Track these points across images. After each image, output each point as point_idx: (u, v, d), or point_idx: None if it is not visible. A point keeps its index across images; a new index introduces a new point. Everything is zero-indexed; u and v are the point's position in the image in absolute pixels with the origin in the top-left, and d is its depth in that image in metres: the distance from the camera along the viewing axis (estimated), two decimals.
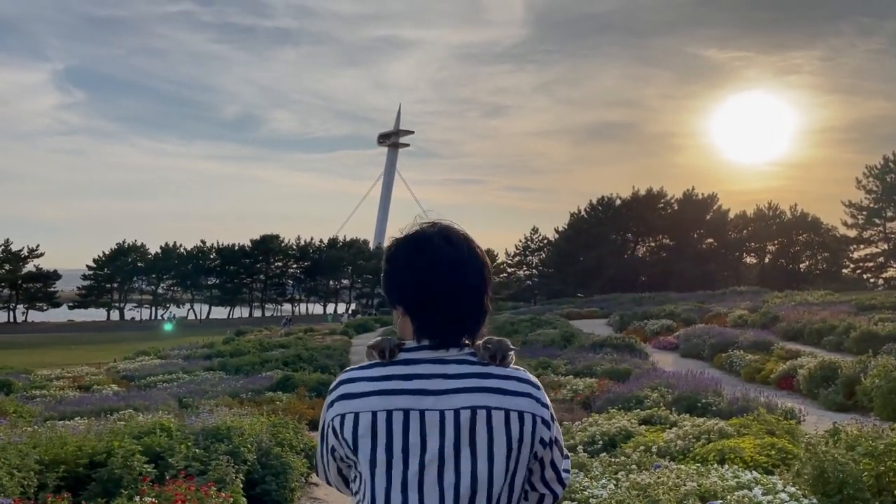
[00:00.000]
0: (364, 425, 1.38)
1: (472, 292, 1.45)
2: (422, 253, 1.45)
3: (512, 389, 1.41)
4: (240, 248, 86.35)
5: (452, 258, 1.44)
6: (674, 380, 12.24)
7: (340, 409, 1.41)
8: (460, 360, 1.44)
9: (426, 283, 1.43)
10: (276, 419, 8.97)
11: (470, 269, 1.45)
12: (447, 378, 1.41)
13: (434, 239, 1.46)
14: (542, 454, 1.44)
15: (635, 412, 9.58)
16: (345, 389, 1.43)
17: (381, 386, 1.40)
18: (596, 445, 7.64)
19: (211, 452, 7.12)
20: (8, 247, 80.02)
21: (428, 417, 1.37)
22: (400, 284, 1.47)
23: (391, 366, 1.43)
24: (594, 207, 75.29)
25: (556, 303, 50.87)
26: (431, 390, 1.39)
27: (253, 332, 42.42)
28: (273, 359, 21.99)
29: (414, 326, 1.46)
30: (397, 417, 1.37)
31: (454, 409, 1.37)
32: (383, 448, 1.36)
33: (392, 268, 1.49)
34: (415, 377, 1.41)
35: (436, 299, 1.43)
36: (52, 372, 22.67)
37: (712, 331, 21.70)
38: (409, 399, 1.38)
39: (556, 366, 16.95)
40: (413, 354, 1.44)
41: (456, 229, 1.49)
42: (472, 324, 1.46)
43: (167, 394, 15.99)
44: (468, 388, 1.39)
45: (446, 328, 1.44)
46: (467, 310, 1.45)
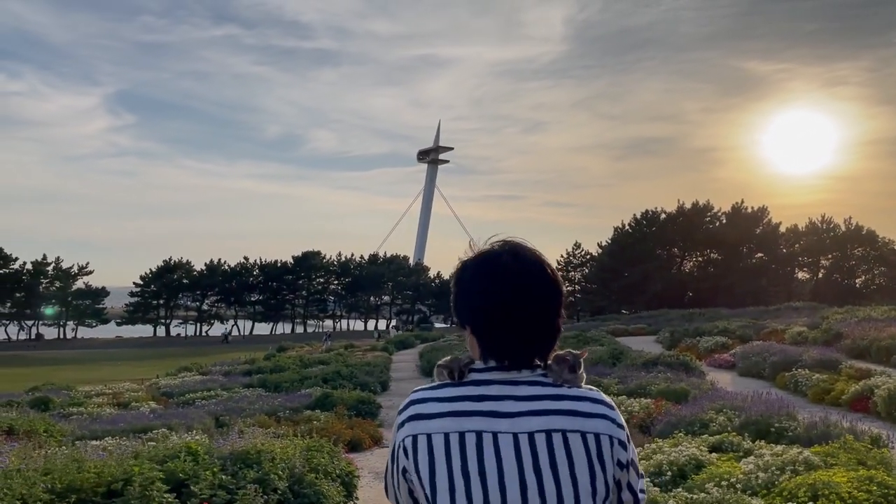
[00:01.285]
0: (437, 447, 1.35)
1: (542, 312, 1.40)
2: (489, 271, 1.41)
3: (586, 411, 1.38)
4: (282, 265, 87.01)
5: (521, 277, 1.40)
6: (739, 401, 11.29)
7: (412, 430, 1.39)
8: (532, 381, 1.40)
9: (493, 302, 1.39)
10: (310, 442, 8.35)
11: (539, 288, 1.41)
12: (518, 400, 1.37)
13: (503, 257, 1.42)
14: (620, 476, 1.40)
15: (702, 437, 8.71)
16: (416, 410, 1.41)
17: (453, 407, 1.38)
18: (664, 476, 6.83)
19: (239, 479, 6.53)
20: (59, 264, 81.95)
21: (502, 440, 1.34)
22: (467, 304, 1.43)
23: (462, 386, 1.41)
24: (638, 222, 73.76)
25: (601, 319, 49.66)
26: (504, 412, 1.36)
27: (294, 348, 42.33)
28: (312, 375, 21.49)
29: (481, 347, 1.42)
30: (470, 440, 1.34)
31: (528, 433, 1.34)
32: (459, 471, 1.33)
33: (460, 287, 1.46)
34: (486, 398, 1.38)
35: (503, 319, 1.39)
36: (93, 388, 22.56)
37: (772, 348, 20.50)
38: (482, 421, 1.35)
39: (607, 385, 16.03)
40: (483, 375, 1.41)
41: (526, 247, 1.45)
42: (542, 344, 1.42)
43: (204, 411, 15.54)
44: (542, 411, 1.36)
45: (515, 349, 1.40)
46: (536, 330, 1.41)
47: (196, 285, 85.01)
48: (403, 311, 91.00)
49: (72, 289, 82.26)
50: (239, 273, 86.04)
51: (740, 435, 8.66)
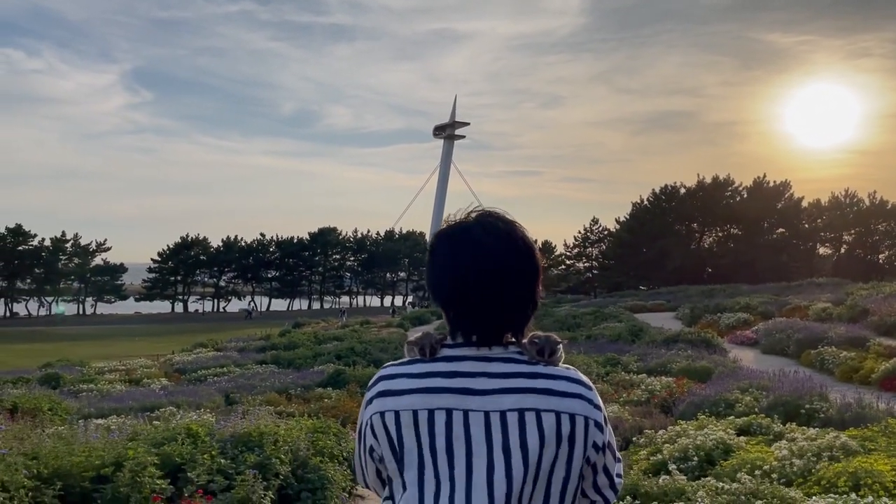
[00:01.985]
0: (405, 424, 1.30)
1: (514, 285, 1.32)
2: (458, 244, 1.34)
3: (562, 390, 1.31)
4: (298, 241, 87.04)
5: (490, 250, 1.32)
6: (766, 380, 10.82)
7: (380, 407, 1.33)
8: (506, 358, 1.34)
9: (461, 276, 1.32)
10: (316, 423, 8.00)
11: (511, 261, 1.32)
12: (491, 377, 1.31)
13: (472, 229, 1.35)
14: (595, 459, 1.34)
15: (729, 419, 8.27)
16: (384, 386, 1.35)
17: (423, 383, 1.32)
18: (690, 462, 6.40)
19: (239, 464, 6.18)
20: (77, 241, 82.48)
21: (472, 418, 1.28)
22: (437, 278, 1.38)
23: (433, 363, 1.35)
24: (657, 197, 72.66)
25: (619, 295, 49.06)
26: (476, 390, 1.30)
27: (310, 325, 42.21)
28: (326, 352, 21.25)
29: (450, 323, 1.37)
30: (440, 417, 1.29)
31: (500, 411, 1.28)
32: (427, 449, 1.28)
33: (431, 261, 1.39)
34: (458, 375, 1.32)
35: (472, 294, 1.32)
36: (107, 364, 22.49)
37: (796, 325, 19.92)
38: (452, 398, 1.29)
39: (626, 363, 15.63)
40: (455, 351, 1.36)
41: (498, 216, 1.37)
42: (514, 322, 1.35)
43: (215, 389, 15.34)
44: (515, 389, 1.29)
45: (484, 325, 1.34)
46: (508, 305, 1.33)
47: (213, 262, 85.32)
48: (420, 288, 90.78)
49: (90, 265, 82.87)
50: (255, 249, 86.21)
51: (769, 417, 8.20)
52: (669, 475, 6.21)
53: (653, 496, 5.23)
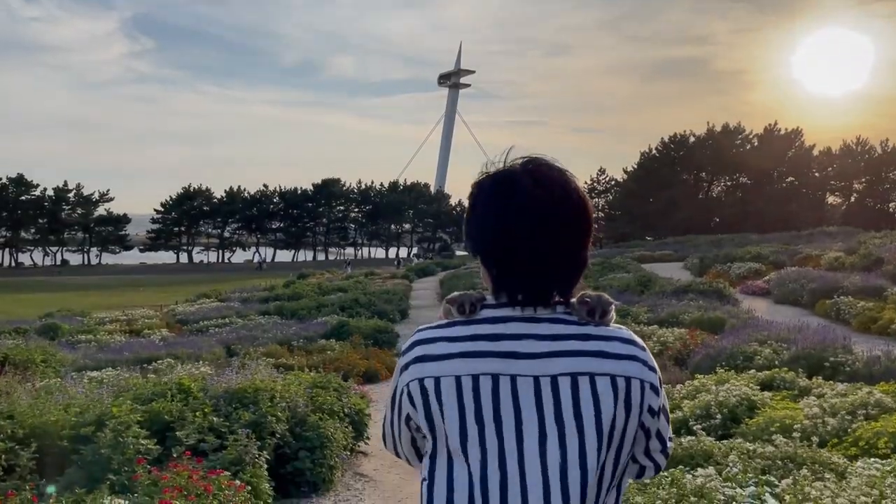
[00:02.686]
0: (447, 392, 1.18)
1: (564, 243, 1.21)
2: (504, 193, 1.21)
3: (616, 352, 1.20)
4: (302, 193, 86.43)
5: (541, 201, 1.20)
6: (784, 332, 10.40)
7: (418, 373, 1.22)
8: (554, 318, 1.22)
9: (507, 229, 1.20)
10: (316, 377, 7.63)
11: (562, 216, 1.20)
12: (540, 339, 1.20)
13: (520, 177, 1.22)
14: (650, 424, 1.24)
15: (750, 374, 7.86)
16: (422, 351, 1.23)
17: (465, 347, 1.20)
18: (713, 420, 6.00)
19: (232, 422, 5.81)
20: (80, 191, 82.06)
21: (521, 384, 1.18)
22: (479, 231, 1.24)
23: (474, 324, 1.23)
24: (666, 146, 71.54)
25: (626, 246, 48.54)
26: (524, 353, 1.19)
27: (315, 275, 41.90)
28: (330, 303, 20.90)
29: (492, 280, 1.25)
30: (485, 383, 1.18)
31: (551, 376, 1.18)
32: (472, 418, 1.17)
33: (472, 212, 1.26)
34: (503, 338, 1.20)
35: (518, 250, 1.20)
36: (109, 314, 22.23)
37: (809, 274, 19.45)
38: (498, 363, 1.19)
39: (636, 314, 15.21)
40: (499, 312, 1.23)
41: (551, 166, 1.25)
42: (563, 279, 1.23)
43: (216, 340, 15.02)
44: (566, 352, 1.19)
45: (532, 284, 1.21)
46: (557, 263, 1.21)
47: (216, 213, 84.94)
48: (424, 239, 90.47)
49: (94, 215, 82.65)
50: (259, 200, 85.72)
51: (792, 370, 7.79)
52: (691, 434, 5.82)
53: (676, 458, 4.83)
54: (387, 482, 6.12)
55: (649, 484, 4.00)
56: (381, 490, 5.95)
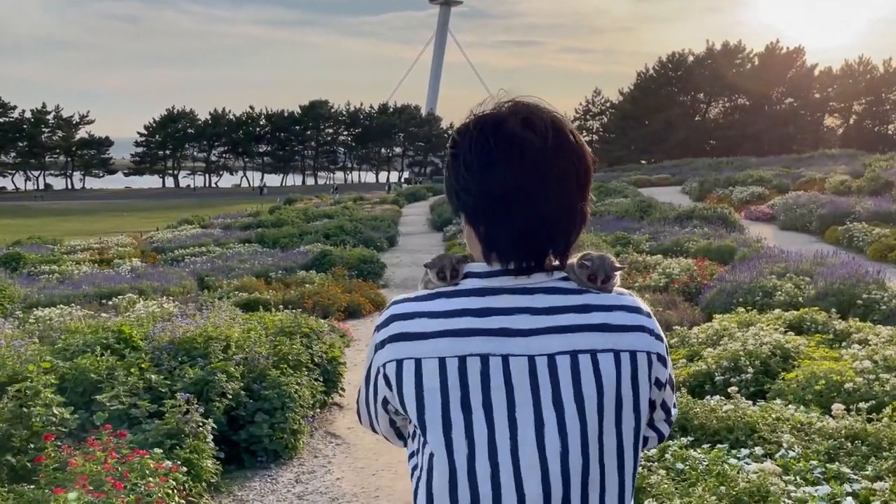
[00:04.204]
0: (429, 375, 1.04)
1: (561, 192, 1.05)
2: (491, 141, 1.06)
3: (620, 324, 1.07)
4: (289, 115, 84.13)
5: (533, 145, 1.04)
6: (805, 263, 9.50)
7: (395, 353, 1.07)
8: (550, 288, 1.08)
9: (497, 182, 1.05)
10: (284, 319, 6.69)
11: (557, 163, 1.05)
12: (535, 314, 1.06)
13: (508, 122, 1.07)
14: (656, 396, 1.12)
15: (774, 314, 6.96)
16: (399, 328, 1.08)
17: (449, 324, 1.06)
18: (743, 374, 5.11)
19: (176, 380, 4.89)
20: (59, 113, 79.52)
21: (514, 365, 1.04)
22: (463, 184, 1.08)
23: (460, 297, 1.08)
24: (664, 65, 69.33)
25: (621, 169, 47.38)
26: (517, 330, 1.05)
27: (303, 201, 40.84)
28: (313, 231, 19.88)
29: (481, 242, 1.09)
30: (473, 365, 1.04)
31: (548, 355, 1.04)
32: (458, 405, 1.03)
33: (454, 162, 1.09)
34: (493, 312, 1.06)
35: (510, 203, 1.05)
36: (83, 242, 21.17)
37: (818, 199, 18.51)
38: (488, 342, 1.04)
39: (637, 242, 14.29)
40: (487, 282, 1.09)
41: (541, 108, 1.08)
42: (561, 237, 1.08)
43: (189, 271, 14.06)
44: (565, 327, 1.05)
45: (525, 245, 1.06)
46: (555, 218, 1.06)
47: (201, 135, 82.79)
48: (415, 163, 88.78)
49: (75, 139, 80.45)
50: (245, 123, 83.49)
51: (823, 310, 6.90)
52: (718, 392, 4.94)
53: (710, 429, 3.95)
54: (361, 446, 5.25)
55: (687, 479, 3.11)
56: (354, 457, 5.09)
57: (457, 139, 1.10)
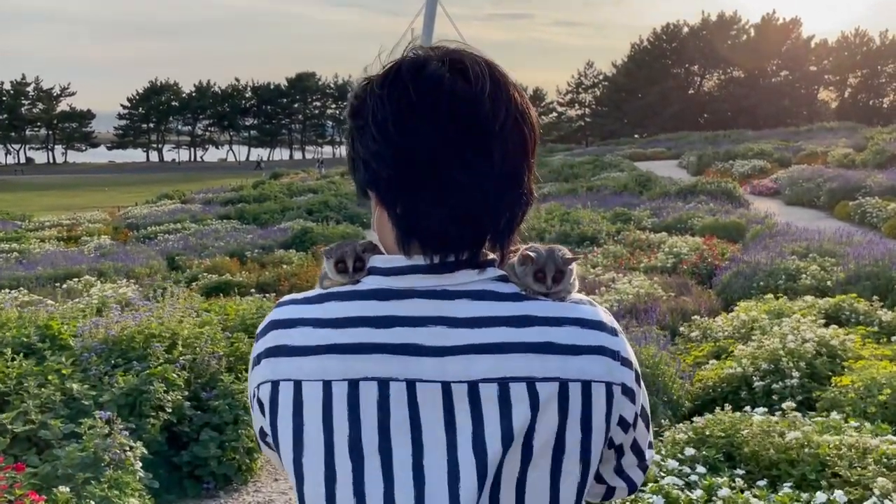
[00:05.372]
0: (310, 403, 0.81)
1: (503, 161, 0.81)
2: (409, 88, 0.80)
3: (571, 343, 0.82)
4: (276, 87, 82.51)
5: (464, 99, 0.80)
6: (828, 243, 8.70)
7: (270, 372, 0.85)
8: (479, 292, 0.83)
9: (419, 140, 0.80)
10: (246, 311, 5.82)
11: (499, 119, 0.81)
12: (454, 326, 0.81)
13: (431, 64, 0.82)
14: (622, 439, 0.88)
15: (806, 301, 6.16)
16: (278, 338, 0.85)
17: (339, 336, 0.82)
18: (787, 380, 4.28)
19: (102, 390, 4.02)
20: (39, 84, 77.62)
21: (423, 394, 0.80)
22: (372, 148, 0.82)
23: (355, 300, 0.84)
24: (658, 37, 68.16)
25: (615, 143, 46.43)
26: (427, 347, 0.81)
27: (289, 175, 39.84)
28: (296, 206, 18.96)
29: (396, 227, 0.84)
30: (368, 393, 0.81)
31: (469, 382, 0.80)
32: (345, 447, 0.80)
33: (359, 126, 0.84)
34: (397, 322, 0.82)
35: (438, 173, 0.80)
36: (52, 218, 20.17)
37: (824, 172, 17.72)
38: (389, 361, 0.81)
39: (639, 218, 13.48)
40: (395, 281, 0.84)
41: (473, 54, 0.84)
42: (500, 219, 0.83)
43: (159, 250, 13.16)
44: (493, 346, 0.81)
45: (457, 229, 0.82)
46: (497, 193, 0.82)
47: (185, 108, 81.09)
48: None
49: (56, 111, 78.69)
50: (230, 95, 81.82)
51: (860, 296, 6.10)
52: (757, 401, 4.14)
53: (765, 461, 3.13)
54: None
55: None
56: None
57: (360, 95, 0.84)
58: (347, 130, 0.86)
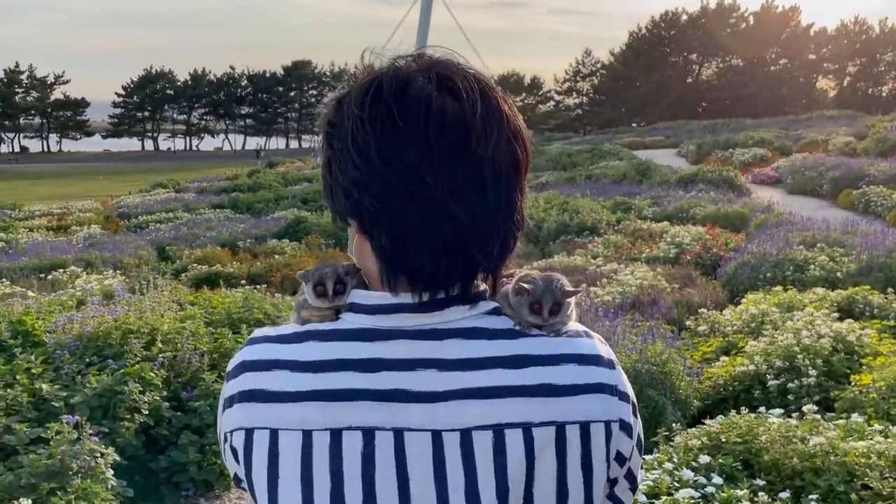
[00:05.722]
0: (287, 454, 0.76)
1: (496, 185, 0.76)
2: (394, 108, 0.74)
3: (569, 383, 0.77)
4: (272, 76, 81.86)
5: (454, 118, 0.75)
6: (836, 233, 8.46)
7: (244, 419, 0.78)
8: (470, 330, 0.78)
9: (404, 165, 0.74)
10: (232, 303, 5.56)
11: (491, 141, 0.75)
12: (445, 369, 0.76)
13: (417, 81, 0.76)
14: (617, 473, 0.84)
15: (818, 293, 5.91)
16: (251, 382, 0.79)
17: (320, 381, 0.76)
18: (803, 378, 4.04)
19: (73, 391, 3.77)
20: (33, 72, 76.92)
21: (412, 444, 0.75)
22: (352, 175, 0.76)
23: (337, 341, 0.78)
24: (656, 24, 67.70)
25: (613, 132, 46.10)
26: (416, 393, 0.76)
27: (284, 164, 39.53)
28: (291, 195, 18.68)
29: (381, 260, 0.78)
30: (352, 443, 0.75)
31: (461, 430, 0.75)
32: (327, 501, 0.74)
33: (334, 146, 0.78)
34: (383, 366, 0.76)
35: (421, 205, 0.75)
36: (43, 207, 19.87)
37: (827, 161, 17.46)
38: (374, 409, 0.76)
39: (639, 207, 13.22)
40: (376, 320, 0.78)
41: (461, 66, 0.78)
42: (494, 251, 0.78)
43: (150, 239, 12.89)
44: (487, 390, 0.76)
45: (447, 262, 0.76)
46: (489, 221, 0.77)
47: (181, 96, 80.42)
48: None
49: (50, 99, 78.05)
50: (226, 84, 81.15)
51: (874, 289, 5.86)
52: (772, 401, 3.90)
53: (787, 470, 2.89)
54: None
55: None
56: None
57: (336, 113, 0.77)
58: (321, 151, 0.79)
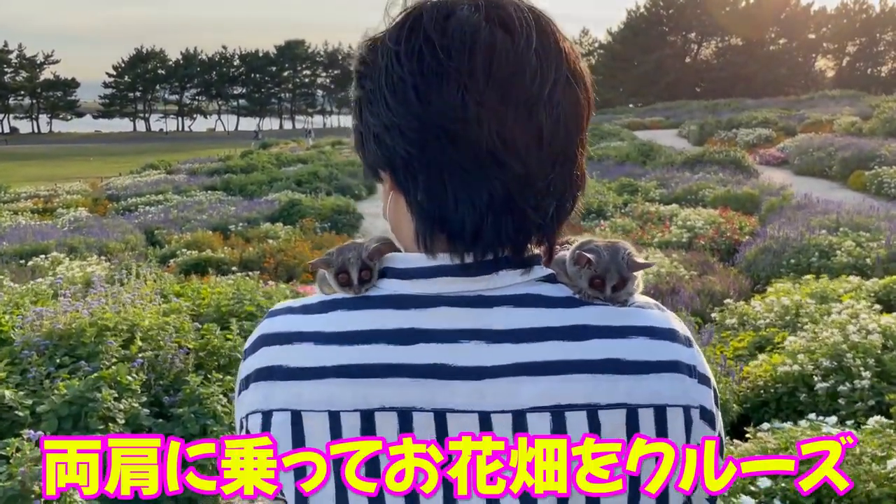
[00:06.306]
0: (314, 437, 0.67)
1: (554, 134, 0.65)
2: (434, 39, 0.64)
3: (640, 359, 0.67)
4: (264, 55, 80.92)
5: (506, 51, 0.64)
6: (861, 217, 8.06)
7: (261, 400, 0.69)
8: (523, 297, 0.68)
9: (447, 106, 0.64)
10: (221, 295, 5.12)
11: (549, 81, 0.65)
12: (494, 341, 0.66)
13: (461, 12, 0.65)
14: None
15: (853, 283, 5.51)
16: (270, 357, 0.69)
17: (348, 355, 0.67)
18: (856, 381, 3.63)
19: (41, 397, 3.34)
20: (22, 52, 75.83)
21: (454, 428, 0.66)
22: (384, 120, 0.66)
23: (368, 309, 0.69)
24: (655, 4, 66.87)
25: (611, 112, 45.53)
26: (460, 368, 0.66)
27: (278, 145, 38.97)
28: (285, 177, 18.18)
29: (417, 217, 0.68)
30: (386, 426, 0.66)
31: (513, 412, 0.66)
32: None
33: (368, 89, 0.68)
34: (421, 337, 0.67)
35: (465, 151, 0.64)
36: (30, 189, 19.34)
37: (836, 141, 17.05)
38: (411, 387, 0.66)
39: (646, 189, 12.82)
40: (414, 285, 0.69)
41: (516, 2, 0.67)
42: (549, 210, 0.68)
43: (137, 223, 12.42)
44: (543, 365, 0.66)
45: (488, 220, 0.65)
46: (544, 175, 0.66)
47: (172, 76, 79.49)
48: None
49: (39, 79, 76.98)
50: (218, 63, 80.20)
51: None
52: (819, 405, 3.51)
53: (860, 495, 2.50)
54: None
55: None
56: None
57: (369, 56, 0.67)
58: (354, 101, 0.69)
